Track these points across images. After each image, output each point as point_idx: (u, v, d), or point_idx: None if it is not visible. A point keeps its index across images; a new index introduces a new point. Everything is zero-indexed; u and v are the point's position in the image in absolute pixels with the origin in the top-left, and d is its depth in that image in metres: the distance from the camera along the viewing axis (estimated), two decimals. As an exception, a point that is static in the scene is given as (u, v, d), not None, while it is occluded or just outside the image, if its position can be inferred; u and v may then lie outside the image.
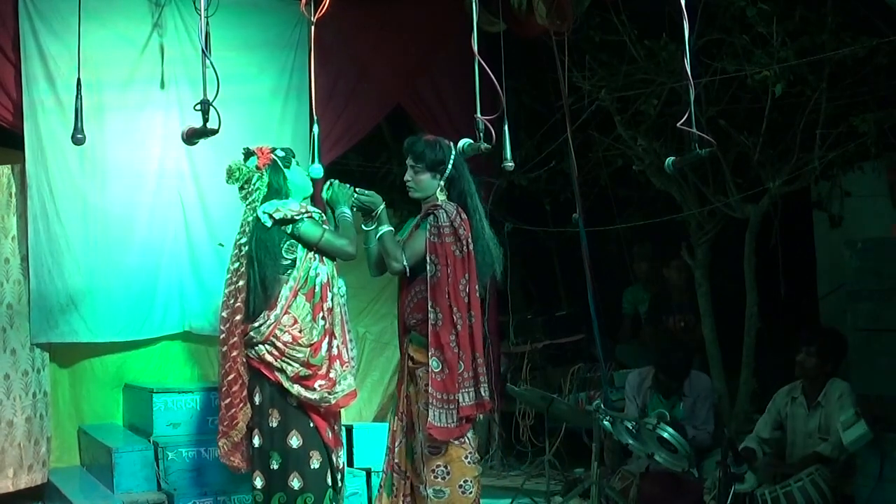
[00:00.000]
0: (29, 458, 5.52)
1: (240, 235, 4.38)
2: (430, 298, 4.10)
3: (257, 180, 4.37)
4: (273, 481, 4.24)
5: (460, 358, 4.08)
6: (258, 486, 4.28)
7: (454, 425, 4.07)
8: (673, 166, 4.39)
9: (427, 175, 4.26)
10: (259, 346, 4.25)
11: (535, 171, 7.17)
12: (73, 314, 5.70)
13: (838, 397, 5.04)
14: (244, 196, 4.40)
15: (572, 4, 6.00)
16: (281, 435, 4.24)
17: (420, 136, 4.38)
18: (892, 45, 5.30)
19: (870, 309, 5.37)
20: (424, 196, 4.29)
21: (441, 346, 4.07)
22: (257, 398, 4.29)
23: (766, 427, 5.32)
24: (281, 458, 4.24)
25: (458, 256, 4.14)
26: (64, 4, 5.55)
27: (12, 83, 5.59)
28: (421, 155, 4.25)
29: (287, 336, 4.24)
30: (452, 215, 4.16)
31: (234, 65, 5.90)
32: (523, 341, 7.34)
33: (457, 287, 4.11)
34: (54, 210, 5.67)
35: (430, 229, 4.14)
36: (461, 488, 4.14)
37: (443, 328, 4.08)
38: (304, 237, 4.31)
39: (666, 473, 5.22)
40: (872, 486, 4.77)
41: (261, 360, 4.26)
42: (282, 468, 4.23)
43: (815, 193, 6.76)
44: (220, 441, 4.39)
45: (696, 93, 4.39)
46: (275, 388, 4.27)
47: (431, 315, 4.09)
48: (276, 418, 4.26)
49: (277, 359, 4.23)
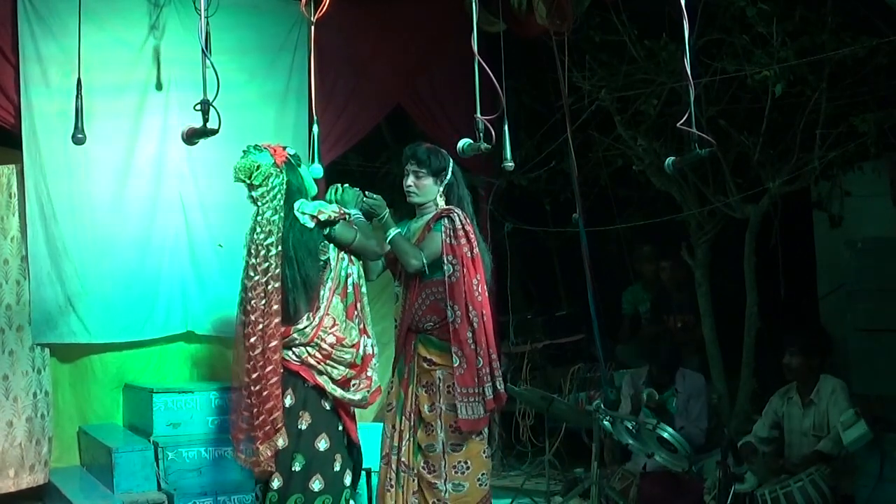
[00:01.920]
0: (30, 458, 5.51)
1: (261, 235, 4.17)
2: (448, 298, 4.33)
3: (276, 178, 4.23)
4: (292, 482, 4.16)
5: (478, 354, 4.32)
6: (274, 486, 4.16)
7: (482, 416, 4.34)
8: (673, 166, 4.39)
9: (430, 180, 4.49)
10: (301, 347, 4.18)
11: (535, 171, 7.17)
12: (71, 315, 5.69)
13: (831, 392, 5.10)
14: (262, 194, 4.21)
15: (572, 4, 6.00)
16: (309, 438, 4.18)
17: (421, 144, 4.60)
18: (892, 45, 5.31)
19: (870, 309, 5.38)
20: (424, 201, 4.51)
21: (460, 343, 4.30)
22: (288, 400, 4.17)
23: (763, 427, 5.38)
24: (305, 459, 4.17)
25: (470, 258, 4.38)
26: (63, 6, 5.55)
27: (12, 85, 5.59)
28: (425, 161, 4.48)
29: (331, 338, 4.20)
30: (464, 219, 4.40)
31: (233, 66, 5.90)
32: (523, 341, 7.34)
33: (472, 287, 4.36)
34: (52, 212, 5.67)
35: (447, 232, 4.37)
36: (478, 481, 4.40)
37: (461, 326, 4.31)
38: (339, 238, 4.29)
39: (666, 473, 5.23)
40: (872, 486, 4.78)
41: (302, 362, 4.18)
42: (304, 470, 4.16)
43: (815, 193, 6.76)
44: (258, 446, 4.13)
45: (696, 93, 4.39)
46: (311, 390, 4.20)
47: (450, 314, 4.32)
48: (307, 421, 4.18)
49: (321, 362, 4.18)
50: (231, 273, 5.95)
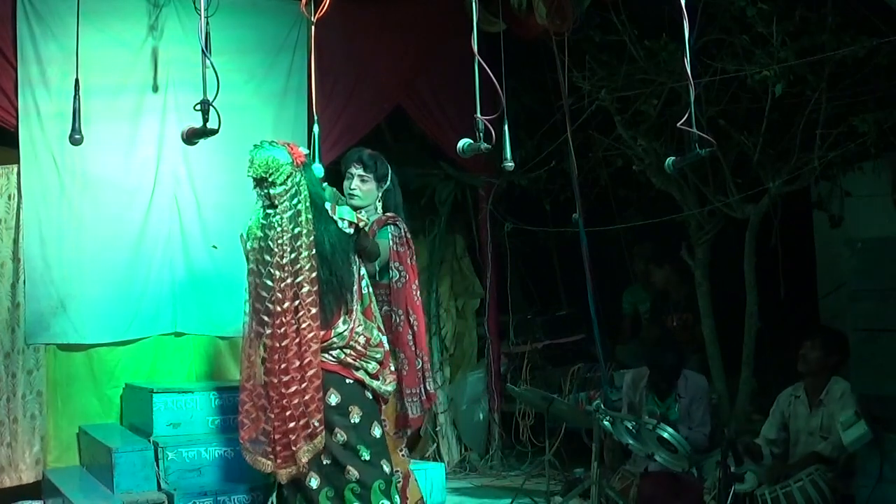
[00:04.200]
0: (17, 457, 5.61)
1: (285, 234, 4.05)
2: (393, 302, 4.58)
3: (296, 177, 4.14)
4: (368, 470, 4.20)
5: (417, 356, 4.61)
6: (353, 478, 4.18)
7: (423, 414, 4.69)
8: (673, 166, 4.39)
9: (373, 185, 4.66)
10: (338, 350, 4.20)
11: (535, 171, 7.17)
12: (62, 316, 5.72)
13: (840, 396, 5.04)
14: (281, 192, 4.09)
15: (572, 4, 6.00)
16: (365, 427, 4.23)
17: (364, 149, 4.76)
18: (892, 45, 5.30)
19: (870, 309, 5.36)
20: (365, 205, 4.65)
21: (403, 346, 4.57)
22: (333, 399, 4.18)
23: (771, 428, 5.31)
24: (369, 448, 4.21)
25: (411, 264, 4.63)
26: (63, 6, 5.55)
27: (12, 87, 5.59)
28: (371, 165, 4.62)
29: (362, 339, 4.25)
30: (405, 227, 4.65)
31: (233, 66, 5.91)
32: (523, 341, 7.35)
33: (412, 292, 4.62)
34: (47, 213, 5.69)
35: (395, 239, 4.59)
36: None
37: (403, 329, 4.57)
38: (360, 242, 4.34)
39: (666, 473, 5.22)
40: (872, 486, 4.77)
41: (340, 362, 4.21)
42: (373, 457, 4.22)
43: (815, 193, 6.76)
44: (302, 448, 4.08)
45: (696, 93, 4.39)
46: (353, 385, 4.23)
47: (394, 318, 4.57)
48: (358, 413, 4.21)
49: (357, 359, 4.23)
50: (224, 274, 6.00)
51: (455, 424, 7.21)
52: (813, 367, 5.16)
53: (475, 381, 7.29)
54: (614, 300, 7.42)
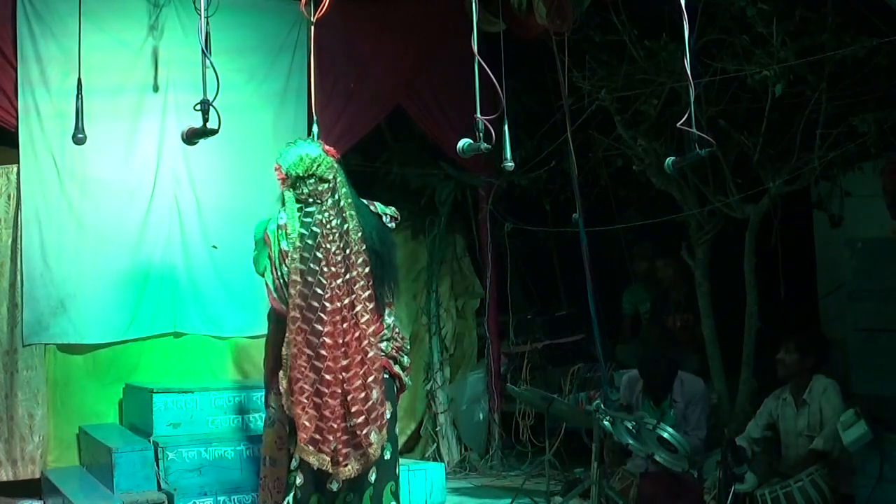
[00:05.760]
0: (14, 454, 5.67)
1: (339, 223, 4.03)
2: None
3: (339, 173, 4.13)
4: (385, 472, 4.15)
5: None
6: (371, 479, 4.12)
7: None
8: (673, 166, 4.39)
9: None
10: (386, 342, 4.20)
11: (535, 171, 7.17)
12: (62, 316, 5.74)
13: (823, 391, 5.13)
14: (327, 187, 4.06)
15: (572, 4, 6.00)
16: (392, 425, 4.18)
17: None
18: (892, 45, 5.30)
19: (870, 309, 5.38)
20: None
21: None
22: (374, 393, 4.09)
23: (756, 428, 5.39)
24: (391, 448, 4.18)
25: None
26: (63, 6, 5.56)
27: (12, 87, 5.60)
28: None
29: (398, 330, 4.30)
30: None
31: (233, 66, 5.91)
32: (523, 341, 7.34)
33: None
34: (47, 213, 5.69)
35: None
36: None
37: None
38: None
39: (666, 473, 5.22)
40: (872, 486, 4.78)
41: (387, 355, 4.19)
42: (393, 457, 4.18)
43: (815, 193, 6.75)
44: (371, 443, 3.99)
45: (696, 93, 4.40)
46: (390, 380, 4.20)
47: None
48: (389, 410, 4.16)
49: (398, 351, 4.24)
50: (224, 274, 6.01)
51: (455, 424, 7.21)
52: (792, 370, 5.25)
53: (475, 381, 7.29)
54: (614, 300, 7.42)
